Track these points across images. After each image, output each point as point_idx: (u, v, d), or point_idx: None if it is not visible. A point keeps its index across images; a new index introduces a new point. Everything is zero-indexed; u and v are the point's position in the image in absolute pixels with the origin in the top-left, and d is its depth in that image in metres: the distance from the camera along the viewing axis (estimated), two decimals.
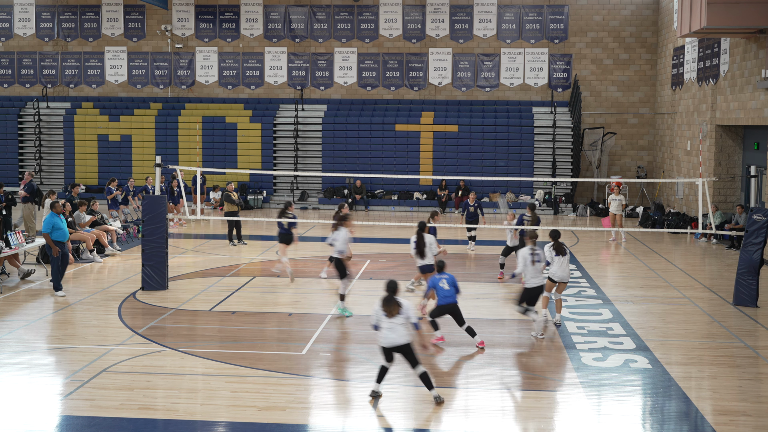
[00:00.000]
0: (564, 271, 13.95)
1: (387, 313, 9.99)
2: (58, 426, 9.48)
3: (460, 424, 9.71)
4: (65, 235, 15.94)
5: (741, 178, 25.42)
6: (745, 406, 10.36)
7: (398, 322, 9.98)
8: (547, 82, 34.39)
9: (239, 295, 16.39)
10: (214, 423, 9.55)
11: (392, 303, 10.04)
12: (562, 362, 12.07)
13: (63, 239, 15.88)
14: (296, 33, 35.26)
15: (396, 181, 33.16)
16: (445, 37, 34.74)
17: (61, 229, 15.85)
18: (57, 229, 15.77)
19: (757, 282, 15.76)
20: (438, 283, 12.56)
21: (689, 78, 28.44)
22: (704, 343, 13.22)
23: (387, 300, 10.08)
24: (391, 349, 10.09)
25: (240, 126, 34.06)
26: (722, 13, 20.59)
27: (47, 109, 35.37)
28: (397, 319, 9.98)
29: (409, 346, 10.04)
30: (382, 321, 10.05)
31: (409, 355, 10.08)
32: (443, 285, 12.51)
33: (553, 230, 14.09)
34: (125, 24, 36.08)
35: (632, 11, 33.84)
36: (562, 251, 13.88)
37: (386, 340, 10.06)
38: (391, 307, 10.00)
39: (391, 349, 10.11)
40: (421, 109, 34.26)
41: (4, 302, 15.48)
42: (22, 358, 12.00)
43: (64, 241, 15.94)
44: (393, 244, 23.18)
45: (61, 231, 15.84)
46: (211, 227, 26.99)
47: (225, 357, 12.00)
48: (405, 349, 10.05)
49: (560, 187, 32.77)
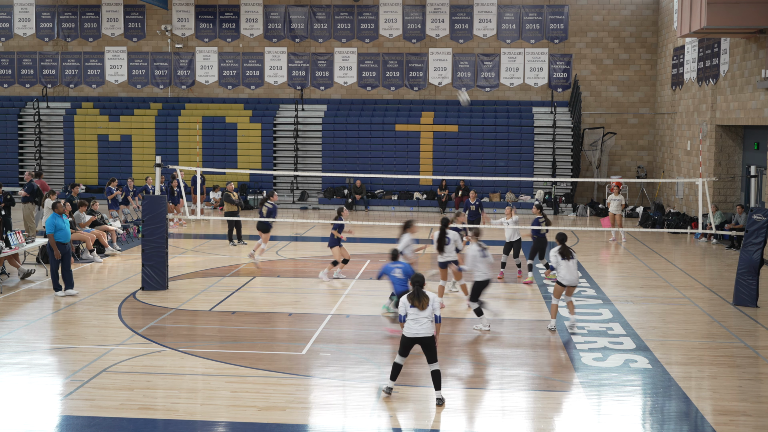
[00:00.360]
0: (572, 274, 13.71)
1: (419, 306, 10.11)
2: (58, 426, 9.48)
3: (460, 424, 9.71)
4: (67, 235, 15.92)
5: (741, 178, 25.43)
6: (745, 406, 10.37)
7: (424, 315, 10.13)
8: (547, 82, 34.39)
9: (239, 295, 16.39)
10: (214, 423, 9.55)
11: (423, 296, 10.18)
12: (562, 362, 12.07)
13: (64, 240, 15.86)
14: (296, 33, 35.26)
15: (396, 181, 33.16)
16: (445, 37, 34.74)
17: (63, 229, 15.82)
18: (59, 230, 15.75)
19: (757, 282, 15.76)
20: (391, 271, 12.80)
21: (689, 78, 28.44)
22: (704, 343, 13.23)
23: (417, 293, 10.19)
24: (414, 340, 10.16)
25: (240, 126, 34.07)
26: (722, 13, 20.59)
27: (47, 109, 35.37)
28: (426, 311, 10.13)
29: (432, 339, 10.16)
30: (409, 313, 10.17)
31: (431, 349, 10.17)
32: (397, 274, 12.75)
33: (559, 233, 13.97)
34: (125, 24, 36.08)
35: (632, 11, 33.85)
36: (568, 255, 13.69)
37: (410, 330, 10.15)
38: (422, 301, 10.14)
39: (414, 341, 10.17)
40: (421, 109, 34.26)
41: (4, 302, 15.48)
42: (22, 358, 12.00)
43: (66, 241, 15.91)
44: (393, 244, 23.13)
45: (63, 231, 15.82)
46: (211, 227, 26.99)
47: (225, 357, 12.00)
48: (427, 342, 10.16)
49: (560, 187, 32.77)
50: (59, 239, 15.73)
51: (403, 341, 10.26)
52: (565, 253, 13.69)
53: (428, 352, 10.17)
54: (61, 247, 15.79)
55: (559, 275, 13.80)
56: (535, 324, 14.39)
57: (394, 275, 12.80)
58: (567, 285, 13.80)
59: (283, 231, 25.99)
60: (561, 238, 13.86)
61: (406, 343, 10.23)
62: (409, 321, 10.17)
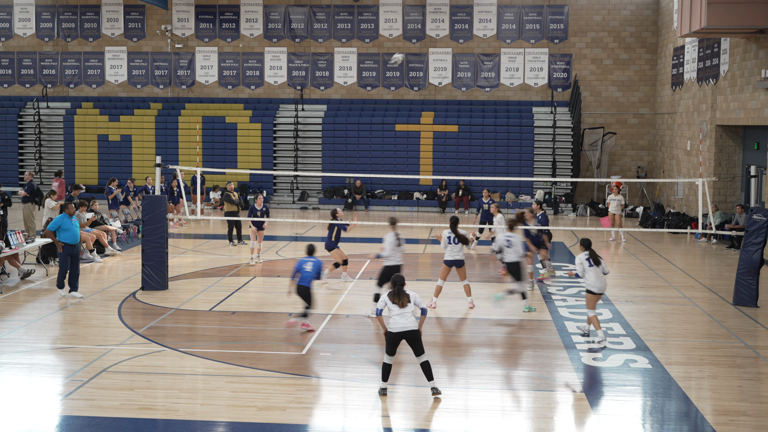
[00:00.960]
0: (602, 281, 12.94)
1: (399, 304, 10.40)
2: (58, 426, 9.48)
3: (460, 424, 9.71)
4: (74, 237, 15.80)
5: (741, 178, 25.43)
6: (745, 406, 10.37)
7: (408, 310, 10.40)
8: (547, 82, 34.39)
9: (239, 295, 16.40)
10: (214, 423, 9.55)
11: (402, 295, 10.45)
12: (562, 362, 12.07)
13: (71, 241, 15.76)
14: (296, 33, 35.26)
15: (396, 181, 33.15)
16: (445, 37, 34.74)
17: (70, 230, 15.74)
18: (65, 230, 15.68)
19: (757, 282, 15.76)
20: (303, 265, 13.27)
21: (689, 78, 28.44)
22: (704, 343, 13.23)
23: (397, 293, 10.48)
24: (401, 334, 10.34)
25: (240, 126, 34.06)
26: (722, 13, 20.59)
27: (47, 109, 35.37)
28: (408, 307, 10.42)
29: (417, 332, 10.40)
30: (392, 310, 10.40)
31: (417, 342, 10.39)
32: (306, 267, 13.23)
33: (584, 239, 13.19)
34: (125, 24, 36.09)
35: (632, 11, 33.84)
36: (596, 261, 12.91)
37: (396, 325, 10.35)
38: (402, 299, 10.43)
39: (400, 335, 10.34)
40: (421, 109, 34.26)
41: (4, 302, 15.48)
42: (22, 358, 12.00)
43: (73, 243, 15.81)
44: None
45: (70, 233, 15.73)
46: (211, 227, 26.99)
47: (225, 357, 12.00)
48: (413, 335, 10.37)
49: (560, 187, 32.77)
50: (66, 240, 15.67)
51: (389, 338, 10.40)
52: (594, 259, 12.95)
53: (415, 345, 10.40)
54: (69, 249, 15.72)
55: (588, 283, 13.01)
56: (536, 324, 14.38)
57: (304, 268, 13.20)
58: (597, 293, 12.98)
59: (283, 231, 26.00)
60: (586, 244, 13.11)
61: (393, 339, 10.40)
62: (394, 317, 10.37)
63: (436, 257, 21.26)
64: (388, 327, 10.45)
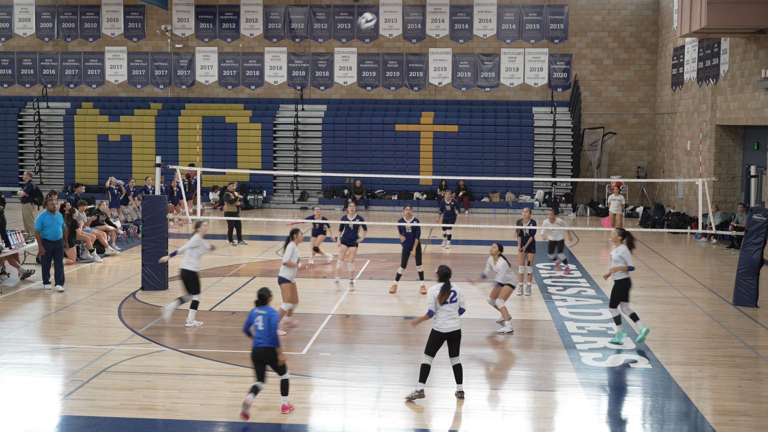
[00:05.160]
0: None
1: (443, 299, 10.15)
2: (58, 426, 9.48)
3: (460, 423, 9.70)
4: (55, 233, 16.11)
5: (741, 178, 25.42)
6: (745, 406, 10.37)
7: (456, 309, 10.28)
8: (547, 82, 34.38)
9: (239, 295, 16.39)
10: (214, 423, 9.55)
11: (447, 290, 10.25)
12: (562, 362, 12.07)
13: (51, 238, 16.03)
14: (296, 33, 35.26)
15: (396, 181, 33.15)
16: (445, 37, 34.73)
17: (51, 227, 16.02)
18: (46, 227, 15.97)
19: (757, 282, 15.76)
20: (254, 319, 9.76)
21: (689, 78, 28.44)
22: (704, 343, 13.23)
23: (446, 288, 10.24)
24: (449, 334, 10.20)
25: (240, 126, 34.06)
26: (722, 13, 20.59)
27: (47, 109, 35.37)
28: (454, 305, 10.26)
29: (461, 332, 10.30)
30: (441, 308, 10.20)
31: (458, 342, 10.29)
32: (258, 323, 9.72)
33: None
34: (125, 24, 36.08)
35: (632, 11, 33.84)
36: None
37: (446, 326, 10.20)
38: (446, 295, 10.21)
39: (448, 335, 10.20)
40: (421, 109, 34.26)
41: (4, 302, 15.48)
42: (22, 358, 12.00)
43: (53, 239, 16.06)
44: (393, 244, 23.15)
45: (51, 229, 16.01)
46: (211, 227, 26.97)
47: (225, 357, 12.00)
48: (458, 336, 10.28)
49: (560, 187, 32.77)
50: (46, 236, 15.93)
51: (437, 338, 10.22)
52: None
53: (456, 345, 10.26)
54: (49, 245, 15.96)
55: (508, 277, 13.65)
56: (535, 324, 14.38)
57: (256, 324, 9.71)
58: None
59: (283, 231, 25.98)
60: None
61: (440, 339, 10.22)
62: (442, 317, 10.18)
63: (435, 257, 21.29)
64: (436, 327, 10.24)
